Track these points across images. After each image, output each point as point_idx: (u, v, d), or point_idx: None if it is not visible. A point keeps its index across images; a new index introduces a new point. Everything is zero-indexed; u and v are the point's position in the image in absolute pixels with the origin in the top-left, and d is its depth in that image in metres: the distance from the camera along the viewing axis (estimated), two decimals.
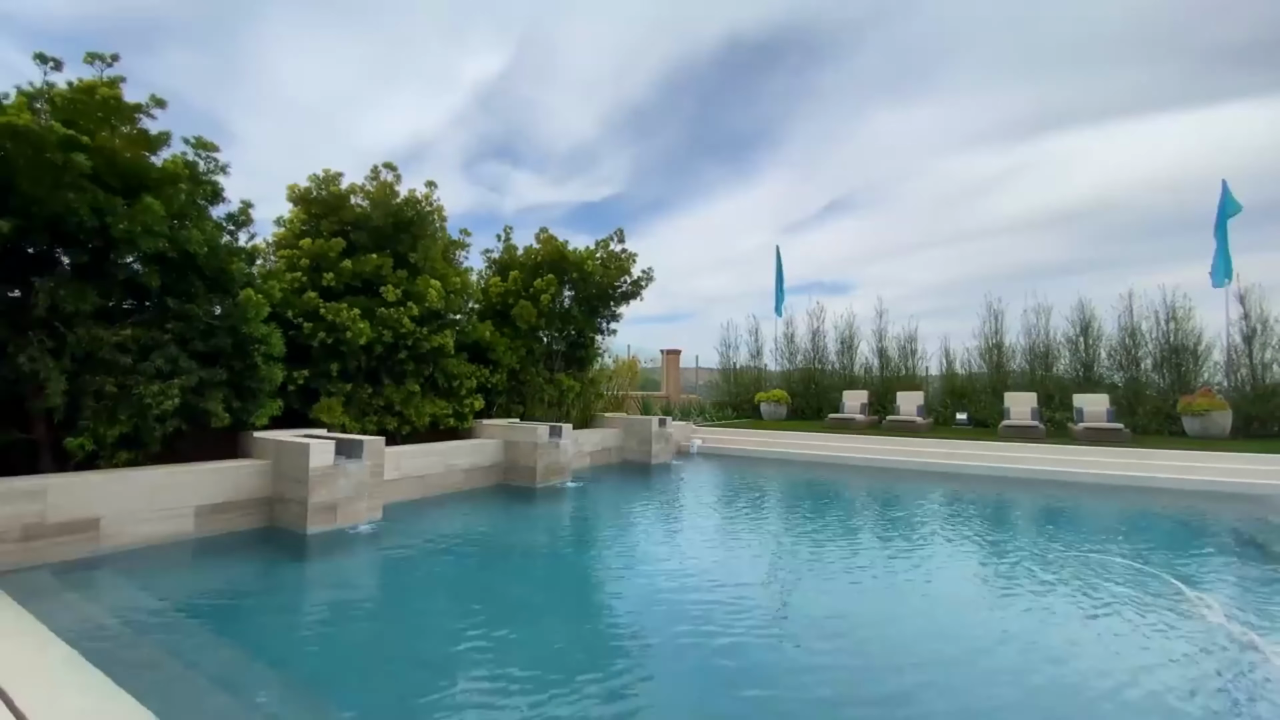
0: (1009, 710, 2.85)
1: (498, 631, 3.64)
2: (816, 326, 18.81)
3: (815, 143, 27.17)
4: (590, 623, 3.94)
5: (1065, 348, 14.83)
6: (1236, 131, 19.79)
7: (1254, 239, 13.90)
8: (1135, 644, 3.64)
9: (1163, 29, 18.83)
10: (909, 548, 5.95)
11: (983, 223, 26.52)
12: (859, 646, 3.61)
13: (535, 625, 3.77)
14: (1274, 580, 4.95)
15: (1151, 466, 9.86)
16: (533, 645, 3.44)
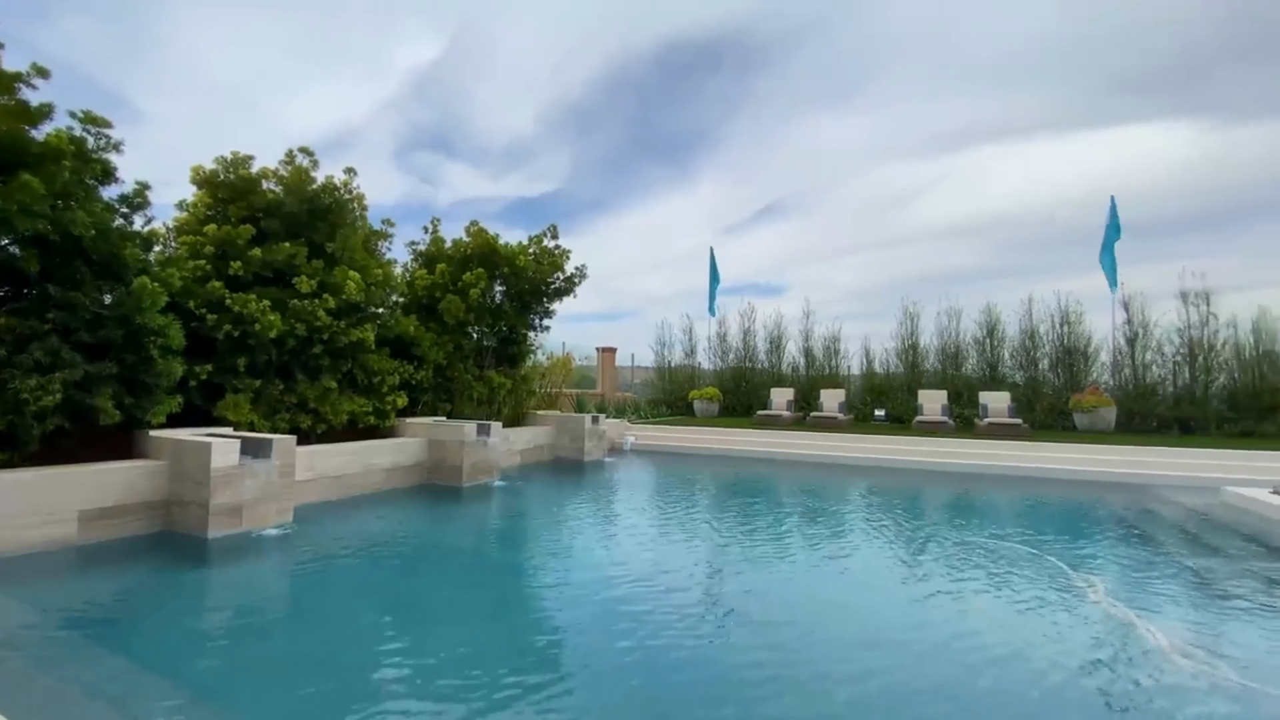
0: (914, 688, 3.03)
1: (414, 639, 3.49)
2: (748, 326, 19.34)
3: (752, 147, 27.90)
4: (514, 626, 3.83)
5: (973, 349, 15.87)
6: (1129, 153, 21.76)
7: (1139, 251, 15.34)
8: (1024, 622, 3.95)
9: (1068, 55, 20.45)
10: (828, 537, 6.22)
11: (905, 230, 27.98)
12: (783, 639, 3.73)
13: (455, 631, 3.62)
14: (1151, 562, 5.49)
15: (1046, 458, 10.70)
16: (452, 653, 3.29)
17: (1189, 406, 13.15)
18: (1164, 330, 13.81)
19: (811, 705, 2.75)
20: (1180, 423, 13.02)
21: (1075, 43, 20.07)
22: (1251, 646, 3.57)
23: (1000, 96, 22.76)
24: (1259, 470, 9.20)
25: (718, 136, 28.93)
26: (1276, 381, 12.59)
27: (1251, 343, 13.06)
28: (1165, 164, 20.93)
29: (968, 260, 27.03)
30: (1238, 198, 20.87)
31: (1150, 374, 13.87)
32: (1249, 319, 13.17)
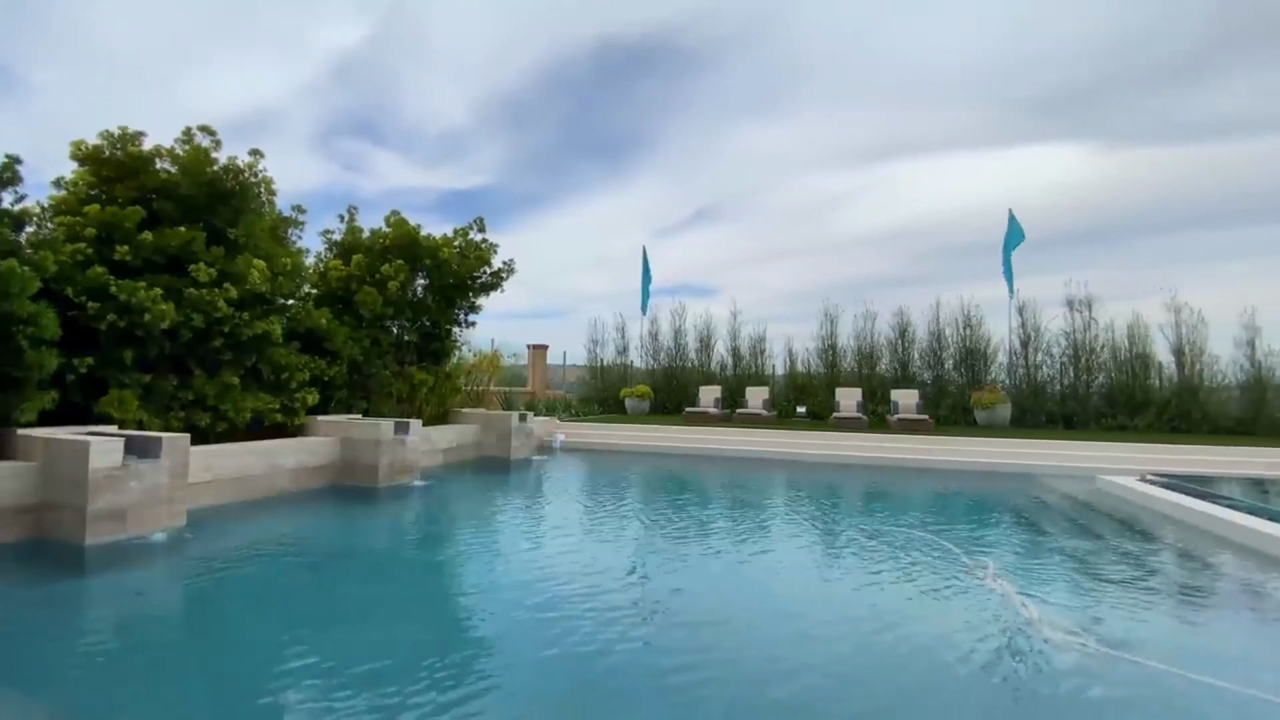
0: (842, 680, 3.17)
1: (315, 652, 3.21)
2: (679, 326, 19.60)
3: (687, 150, 28.31)
4: (429, 636, 3.60)
5: (887, 349, 16.78)
6: (1027, 171, 23.60)
7: (1033, 262, 16.69)
8: (922, 602, 4.22)
9: (977, 79, 22.00)
10: (753, 531, 6.41)
11: (830, 237, 29.19)
12: (714, 638, 3.79)
13: (362, 643, 3.36)
14: (1033, 543, 5.98)
15: (949, 451, 11.46)
16: (358, 668, 3.00)
17: (1073, 403, 14.44)
18: (1053, 334, 15.11)
19: (742, 707, 2.74)
20: (1065, 418, 14.27)
21: (982, 68, 21.63)
22: (1112, 617, 3.97)
23: (917, 114, 24.16)
24: (1129, 460, 10.20)
25: (654, 138, 29.22)
26: (1146, 380, 14.03)
27: (1126, 345, 14.48)
28: (1058, 183, 22.86)
29: (885, 267, 28.54)
30: (1121, 215, 23.08)
31: (1041, 373, 15.13)
32: (1124, 324, 14.61)
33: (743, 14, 21.64)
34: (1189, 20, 18.32)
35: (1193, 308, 13.90)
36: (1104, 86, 20.67)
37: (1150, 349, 14.16)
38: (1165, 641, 3.58)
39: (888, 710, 2.70)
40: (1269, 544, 5.00)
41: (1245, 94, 19.16)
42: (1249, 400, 13.20)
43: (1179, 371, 13.84)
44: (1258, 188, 20.53)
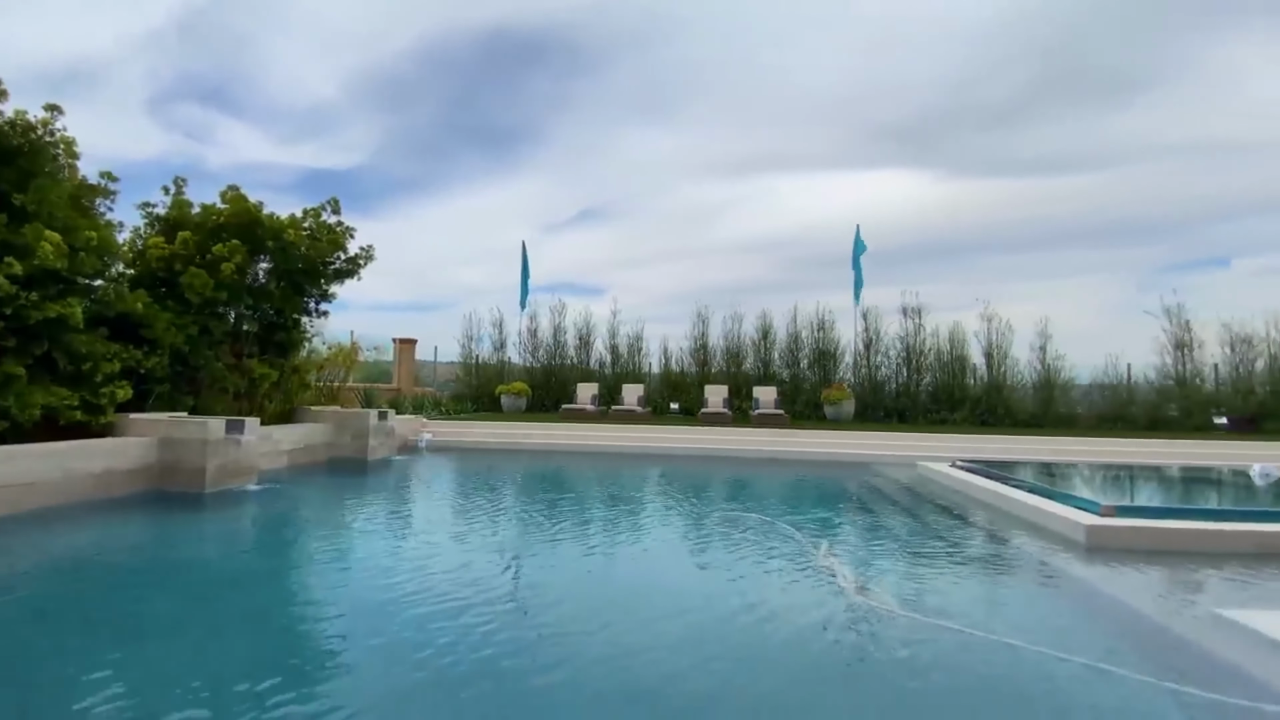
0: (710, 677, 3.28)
1: (115, 689, 2.61)
2: (558, 323, 19.52)
3: (575, 148, 28.18)
4: (255, 660, 3.06)
5: (751, 349, 17.86)
6: (878, 192, 26.19)
7: (877, 274, 18.55)
8: (766, 580, 4.53)
9: (840, 105, 24.01)
10: (622, 525, 6.51)
11: (708, 242, 30.42)
12: (585, 643, 3.77)
13: (176, 672, 2.84)
14: (862, 523, 6.63)
15: (801, 443, 12.44)
16: (170, 700, 2.53)
17: (905, 399, 16.25)
18: (890, 339, 16.91)
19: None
20: (899, 413, 16.03)
21: (846, 95, 23.69)
22: (920, 584, 4.52)
23: (790, 132, 25.95)
24: (947, 449, 11.67)
25: (541, 132, 28.79)
26: (963, 380, 16.12)
27: (948, 349, 16.53)
28: (903, 204, 25.64)
29: (757, 273, 30.32)
30: (953, 237, 26.36)
31: (880, 373, 16.87)
32: (947, 331, 16.67)
33: (634, 19, 22.02)
34: (1016, 69, 21.42)
35: (1001, 317, 16.22)
36: (945, 122, 23.56)
37: (967, 353, 16.33)
38: (964, 606, 4.14)
39: (728, 687, 2.86)
40: (1047, 519, 5.96)
41: (1058, 138, 22.78)
42: (1040, 397, 15.63)
43: (989, 372, 16.07)
44: (1060, 219, 24.49)
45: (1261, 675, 2.93)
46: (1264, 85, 19.50)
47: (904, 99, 22.71)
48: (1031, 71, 21.54)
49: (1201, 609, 3.72)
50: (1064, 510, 5.73)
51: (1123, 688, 2.83)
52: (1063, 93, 22.27)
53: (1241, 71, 19.75)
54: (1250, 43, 19.22)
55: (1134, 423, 14.59)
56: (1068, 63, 20.96)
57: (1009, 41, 20.71)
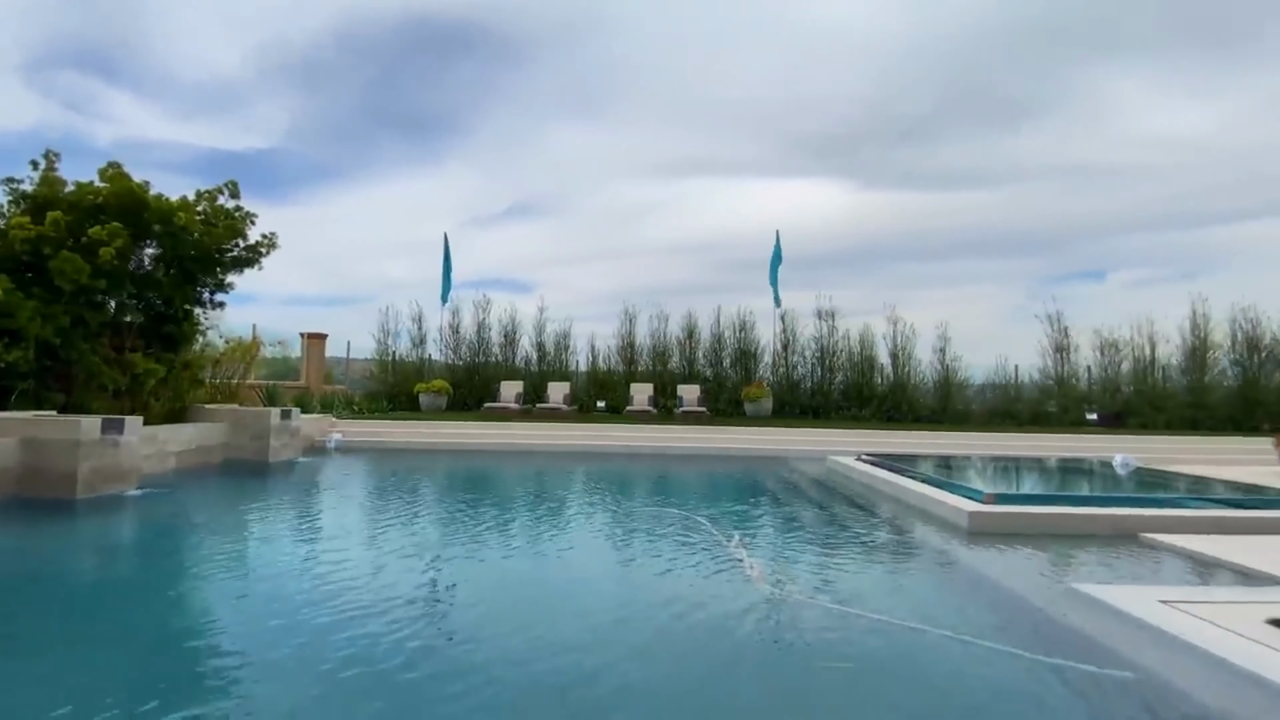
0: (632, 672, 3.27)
1: None
2: (482, 319, 19.08)
3: (504, 140, 27.56)
4: (133, 691, 2.73)
5: (677, 348, 18.16)
6: (799, 200, 27.23)
7: (796, 278, 19.31)
8: (681, 573, 4.62)
9: (766, 113, 24.77)
10: (542, 524, 6.44)
11: (639, 243, 30.62)
12: (504, 649, 3.66)
13: (29, 694, 2.55)
14: (774, 513, 6.89)
15: (723, 439, 12.79)
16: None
17: (819, 397, 17.03)
18: (806, 340, 17.65)
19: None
20: (814, 409, 16.77)
21: (771, 105, 24.47)
22: (823, 570, 4.76)
23: (719, 137, 26.52)
24: (855, 444, 12.30)
25: (469, 124, 27.98)
26: (872, 379, 17.05)
27: (858, 350, 17.44)
28: (822, 212, 26.82)
29: (686, 275, 30.87)
30: (866, 245, 27.80)
31: (797, 372, 17.58)
32: (858, 333, 17.58)
33: (562, 11, 21.79)
34: (925, 90, 22.84)
35: (906, 321, 17.27)
36: (862, 136, 24.83)
37: (875, 353, 17.28)
38: (858, 590, 4.38)
39: (644, 682, 2.89)
40: (937, 507, 6.41)
41: (961, 156, 24.50)
42: (939, 395, 16.79)
43: (894, 372, 17.08)
44: (961, 231, 26.40)
45: (1108, 643, 3.29)
46: (1135, 118, 21.86)
47: (825, 112, 23.79)
48: (939, 93, 23.12)
49: (1061, 585, 4.12)
50: (951, 499, 6.20)
51: (993, 659, 3.11)
52: (965, 115, 24.05)
53: (1116, 105, 22.02)
54: (1124, 79, 21.46)
55: (1019, 418, 15.97)
56: (970, 87, 22.64)
57: (919, 64, 22.12)
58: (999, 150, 24.26)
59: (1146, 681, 2.83)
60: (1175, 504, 6.13)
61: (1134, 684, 2.82)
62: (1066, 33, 20.44)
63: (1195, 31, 19.92)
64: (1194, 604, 3.58)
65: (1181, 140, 21.66)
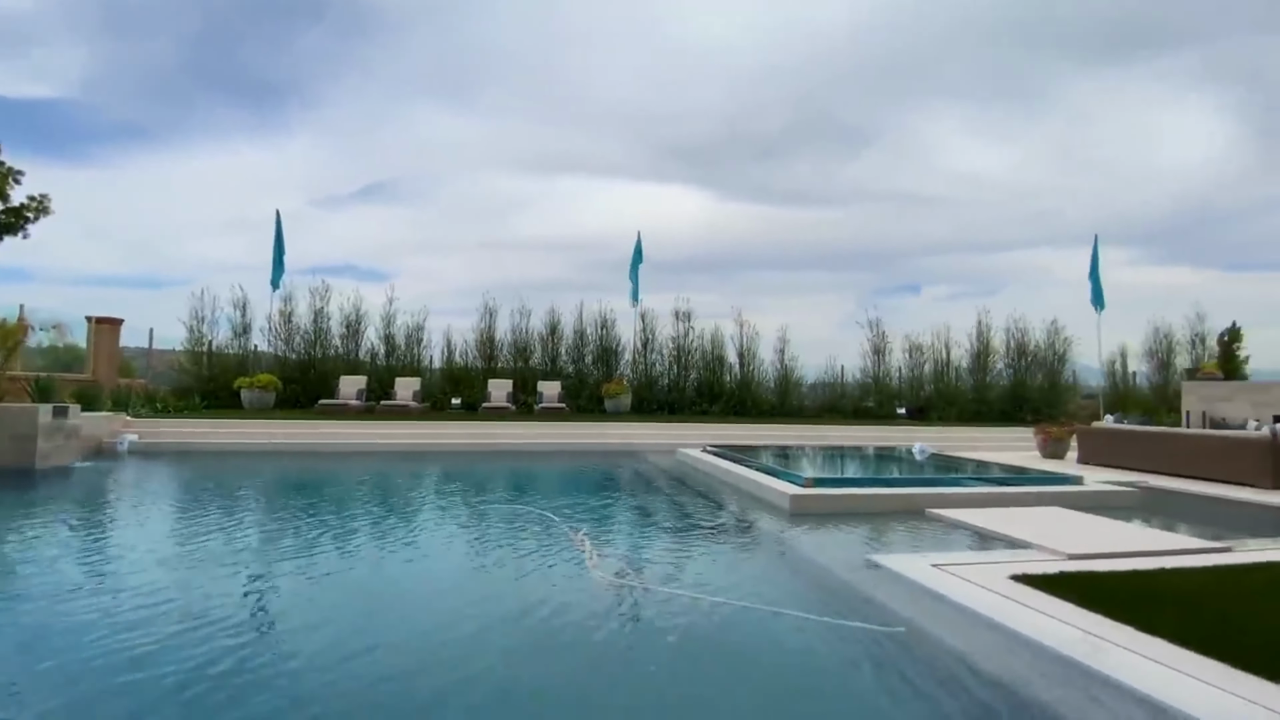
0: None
1: None
2: (320, 308, 17.44)
3: (359, 117, 25.22)
4: None
5: (539, 345, 17.95)
6: (666, 205, 28.14)
7: (657, 280, 19.91)
8: (529, 568, 4.54)
9: (636, 118, 25.20)
10: (377, 530, 5.98)
11: (506, 236, 29.72)
12: (344, 669, 3.28)
13: None
14: (632, 506, 7.03)
15: (581, 434, 12.86)
16: None
17: (675, 393, 17.76)
18: (663, 339, 18.30)
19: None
20: (669, 405, 17.45)
21: (641, 111, 24.97)
22: (660, 554, 4.94)
23: (592, 137, 26.53)
24: (705, 437, 12.98)
25: (320, 95, 25.27)
26: (721, 377, 18.10)
27: (710, 350, 18.41)
28: (685, 218, 27.95)
29: (550, 271, 30.55)
30: (725, 253, 29.40)
31: (655, 370, 18.18)
32: (710, 334, 18.54)
33: None
34: (779, 111, 24.59)
35: (751, 324, 18.52)
36: (722, 149, 26.21)
37: (724, 353, 18.35)
38: (698, 573, 4.61)
39: (488, 674, 2.79)
40: (767, 492, 6.96)
41: (807, 176, 26.76)
42: (779, 391, 18.25)
43: (741, 370, 18.28)
44: (806, 244, 28.87)
45: (890, 603, 3.77)
46: (947, 155, 25.35)
47: (690, 123, 24.83)
48: (791, 116, 25.09)
49: (859, 557, 4.67)
50: (779, 484, 6.78)
51: (801, 626, 3.44)
52: (814, 138, 26.36)
53: (934, 142, 25.40)
54: (939, 120, 24.81)
55: (844, 412, 17.89)
56: (817, 113, 24.86)
57: (775, 87, 23.89)
58: (842, 173, 26.97)
59: (914, 633, 3.30)
60: (954, 483, 7.22)
61: (904, 636, 3.27)
62: (895, 73, 23.26)
63: (996, 84, 23.63)
64: (958, 566, 4.24)
65: (981, 178, 25.60)
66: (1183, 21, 19.62)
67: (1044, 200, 25.69)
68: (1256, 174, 23.42)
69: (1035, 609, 3.33)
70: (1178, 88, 22.39)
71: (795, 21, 21.53)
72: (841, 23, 21.32)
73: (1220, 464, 8.29)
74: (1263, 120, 22.80)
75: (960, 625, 3.32)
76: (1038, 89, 23.18)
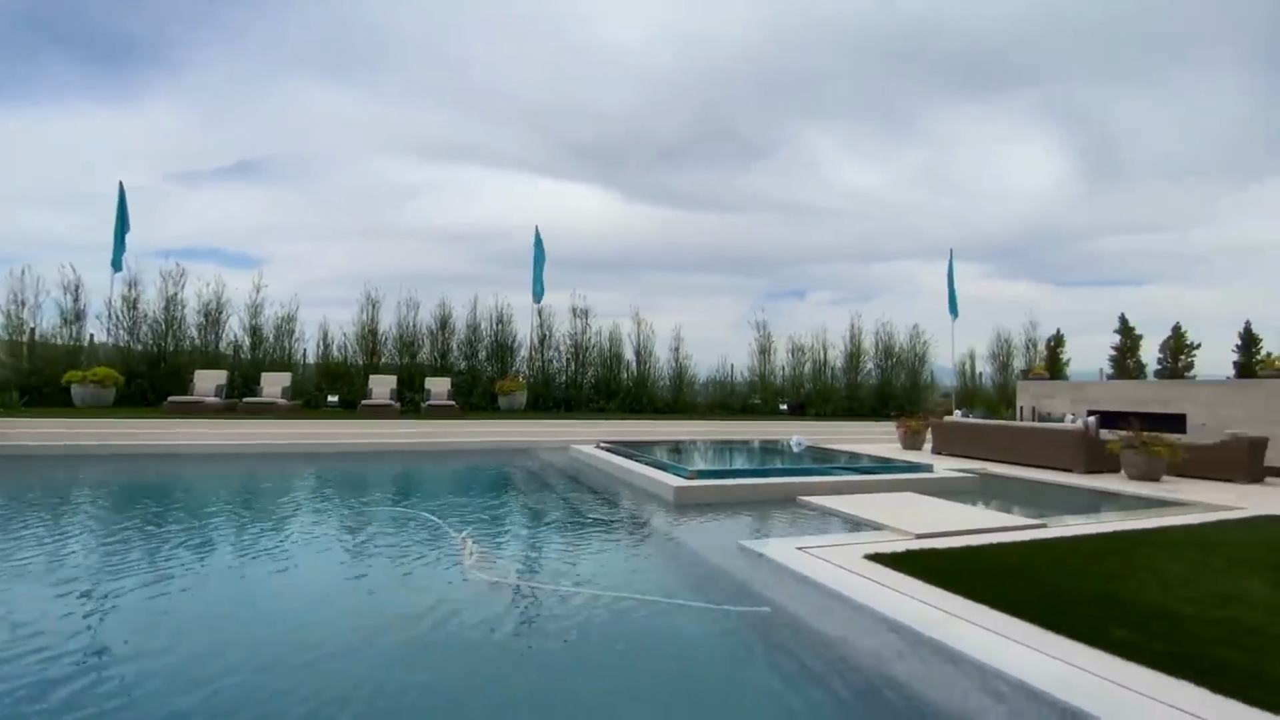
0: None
1: None
2: (174, 294, 15.64)
3: (229, 85, 22.47)
4: None
5: (428, 339, 17.19)
6: (569, 202, 27.85)
7: (559, 277, 19.61)
8: (410, 572, 4.31)
9: (538, 111, 24.65)
10: (238, 541, 5.43)
11: (394, 225, 27.93)
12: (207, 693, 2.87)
13: None
14: (512, 501, 6.88)
15: (472, 432, 12.45)
16: None
17: (573, 390, 17.69)
18: (561, 336, 18.16)
19: None
20: (566, 402, 17.36)
21: (544, 105, 24.47)
22: (548, 554, 4.89)
23: (490, 127, 25.59)
24: (602, 433, 13.01)
25: (180, 56, 22.25)
26: (619, 374, 18.25)
27: (608, 348, 18.52)
28: (588, 216, 27.83)
29: (445, 264, 29.14)
30: (628, 252, 29.59)
31: (552, 366, 18.00)
32: (609, 332, 18.65)
33: None
34: (679, 117, 25.08)
35: (648, 323, 18.84)
36: (624, 150, 26.33)
37: (622, 351, 18.53)
38: (583, 568, 4.61)
39: (359, 691, 2.61)
40: (655, 485, 7.11)
41: (706, 182, 27.54)
42: (673, 388, 18.73)
43: (637, 368, 18.55)
44: (703, 248, 29.73)
45: (758, 586, 3.99)
46: (830, 171, 27.11)
47: (595, 122, 24.72)
48: (691, 122, 25.70)
49: (733, 543, 4.90)
50: (666, 477, 6.96)
51: (675, 612, 3.55)
52: (713, 145, 27.16)
53: (820, 157, 27.07)
54: (824, 136, 26.49)
55: (733, 408, 18.72)
56: (716, 122, 25.64)
57: (678, 93, 24.36)
58: (738, 181, 27.99)
59: (777, 611, 3.52)
60: (824, 473, 7.77)
61: (768, 615, 3.48)
62: (786, 91, 24.52)
63: (874, 109, 25.53)
64: (820, 548, 4.56)
65: (861, 194, 27.63)
66: (1024, 66, 22.31)
67: (913, 217, 28.27)
68: (1082, 204, 27.12)
69: (882, 584, 3.66)
70: (1022, 124, 25.43)
71: (698, 34, 22.14)
72: (739, 40, 22.21)
73: (1045, 452, 9.54)
74: (1086, 157, 26.45)
75: (817, 601, 3.58)
76: (908, 116, 25.43)
